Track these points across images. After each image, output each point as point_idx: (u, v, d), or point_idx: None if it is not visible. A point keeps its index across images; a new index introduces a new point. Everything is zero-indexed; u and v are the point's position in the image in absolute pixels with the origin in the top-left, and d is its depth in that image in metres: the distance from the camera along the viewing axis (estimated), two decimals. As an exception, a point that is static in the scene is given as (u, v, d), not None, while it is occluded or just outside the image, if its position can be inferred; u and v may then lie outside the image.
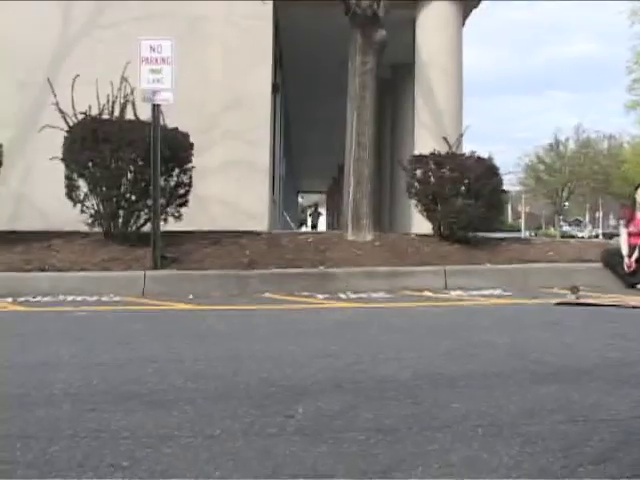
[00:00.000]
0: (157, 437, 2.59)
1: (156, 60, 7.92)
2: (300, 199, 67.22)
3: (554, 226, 70.33)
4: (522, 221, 77.89)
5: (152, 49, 7.90)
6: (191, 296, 7.50)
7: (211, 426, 2.72)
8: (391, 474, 2.25)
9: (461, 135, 11.55)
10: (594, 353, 4.29)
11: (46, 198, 10.78)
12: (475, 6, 13.96)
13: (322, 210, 49.32)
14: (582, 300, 6.90)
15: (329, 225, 39.48)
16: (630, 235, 8.87)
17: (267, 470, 2.28)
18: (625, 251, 8.76)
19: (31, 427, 2.70)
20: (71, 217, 8.84)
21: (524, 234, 53.57)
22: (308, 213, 53.13)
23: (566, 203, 72.13)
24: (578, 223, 75.84)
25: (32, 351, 4.35)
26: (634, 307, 6.54)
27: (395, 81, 18.90)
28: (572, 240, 13.63)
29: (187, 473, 2.25)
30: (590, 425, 2.74)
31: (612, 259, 8.75)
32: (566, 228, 70.31)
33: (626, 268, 8.59)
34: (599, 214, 74.21)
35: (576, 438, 2.58)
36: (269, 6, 12.35)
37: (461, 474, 2.25)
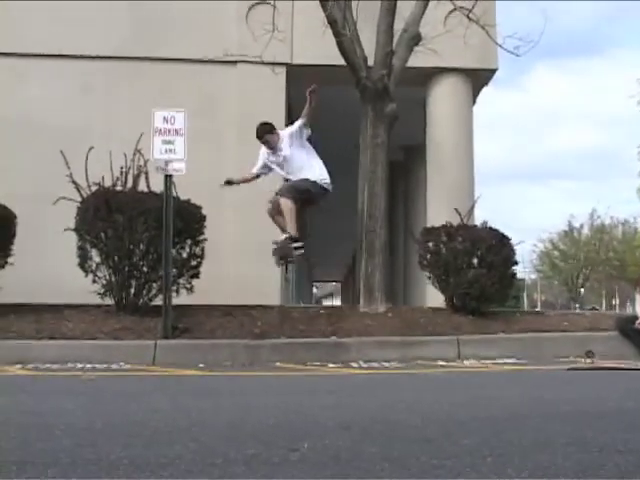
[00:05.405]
0: (156, 464, 2.53)
1: (169, 131, 8.06)
2: (315, 289, 66.56)
3: (570, 313, 69.49)
4: (538, 309, 77.18)
5: (165, 120, 8.04)
6: (202, 365, 7.42)
7: (213, 456, 2.66)
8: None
9: (472, 206, 11.56)
10: (610, 402, 4.18)
11: (60, 270, 10.80)
12: (486, 83, 14.19)
13: (337, 300, 48.18)
14: (596, 364, 6.77)
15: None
16: None
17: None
18: (639, 313, 8.81)
19: (29, 456, 2.64)
20: (83, 288, 8.82)
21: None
22: None
23: (582, 289, 71.58)
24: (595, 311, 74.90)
25: (37, 404, 4.29)
26: None
27: (407, 161, 19.17)
28: (586, 312, 13.52)
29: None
30: (605, 454, 2.65)
31: (625, 326, 8.63)
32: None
33: (638, 326, 8.57)
34: (616, 301, 73.37)
35: (590, 464, 2.49)
36: (282, 81, 12.60)
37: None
